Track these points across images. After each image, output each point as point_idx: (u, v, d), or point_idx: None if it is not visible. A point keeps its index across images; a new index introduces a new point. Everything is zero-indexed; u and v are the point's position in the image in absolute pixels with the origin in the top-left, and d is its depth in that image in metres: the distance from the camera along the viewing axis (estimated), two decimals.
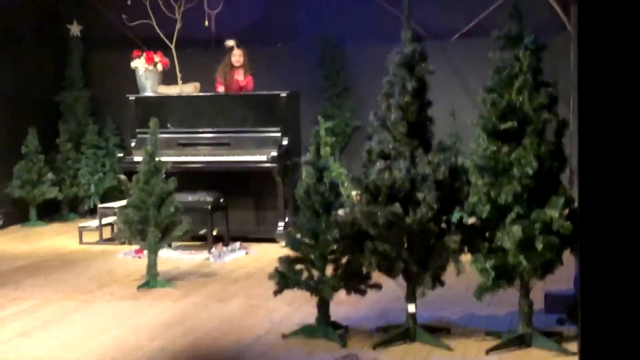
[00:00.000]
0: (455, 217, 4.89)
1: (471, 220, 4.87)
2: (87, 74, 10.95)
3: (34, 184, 9.97)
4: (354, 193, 5.33)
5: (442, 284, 4.98)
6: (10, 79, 10.17)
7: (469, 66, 9.64)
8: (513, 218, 4.60)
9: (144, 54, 9.21)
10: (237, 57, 8.92)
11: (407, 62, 4.87)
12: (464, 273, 4.81)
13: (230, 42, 8.95)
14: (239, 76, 8.86)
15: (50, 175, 10.14)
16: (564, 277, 5.22)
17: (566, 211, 4.63)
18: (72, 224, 9.91)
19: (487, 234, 4.79)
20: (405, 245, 4.86)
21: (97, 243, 8.75)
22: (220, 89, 8.92)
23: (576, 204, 4.65)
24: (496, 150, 4.67)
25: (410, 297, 4.95)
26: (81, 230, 8.89)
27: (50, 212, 10.45)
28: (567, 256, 4.75)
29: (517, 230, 4.53)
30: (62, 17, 10.89)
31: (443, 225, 4.86)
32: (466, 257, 4.84)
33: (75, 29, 10.80)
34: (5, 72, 10.10)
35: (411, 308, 4.97)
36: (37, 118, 10.35)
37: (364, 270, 5.06)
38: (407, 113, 4.83)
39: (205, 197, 8.05)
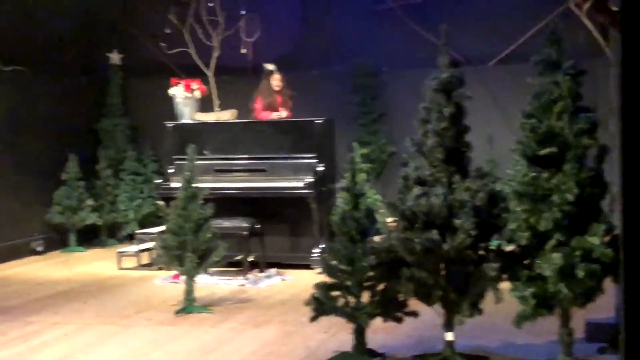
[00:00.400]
0: (493, 244, 4.84)
1: (510, 248, 4.82)
2: (127, 102, 11.09)
3: (73, 210, 10.08)
4: (389, 220, 5.31)
5: (480, 311, 4.92)
6: (52, 106, 10.33)
7: (506, 92, 9.61)
8: (553, 245, 4.54)
9: (182, 82, 9.32)
10: (277, 81, 8.99)
11: (444, 88, 4.85)
12: (503, 301, 4.75)
13: (270, 66, 9.03)
14: (279, 100, 8.94)
15: (89, 202, 10.25)
16: (605, 305, 5.13)
17: (607, 238, 4.56)
18: (110, 250, 9.99)
19: (526, 262, 4.73)
20: (443, 273, 4.81)
21: (135, 268, 8.80)
22: (262, 113, 8.98)
23: (617, 231, 4.59)
24: (536, 176, 4.63)
25: (448, 325, 4.90)
26: (119, 255, 8.96)
27: (90, 237, 10.54)
28: (608, 284, 4.68)
29: (557, 257, 4.48)
30: (103, 46, 11.05)
31: (481, 252, 4.81)
32: (505, 285, 4.79)
33: (115, 58, 10.96)
34: (47, 100, 10.26)
35: (449, 336, 4.92)
36: (78, 145, 10.50)
37: (401, 298, 5.03)
38: (444, 139, 4.81)
39: (241, 223, 8.07)
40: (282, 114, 8.94)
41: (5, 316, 6.75)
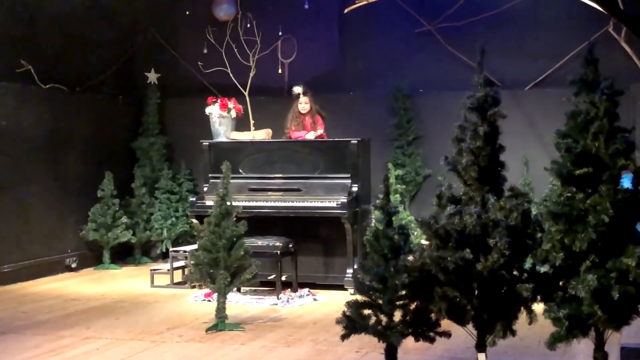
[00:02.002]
0: (527, 264, 4.78)
1: (544, 268, 4.76)
2: (163, 121, 11.20)
3: (108, 228, 10.16)
4: (424, 242, 5.27)
5: (513, 333, 4.85)
6: (89, 124, 10.46)
7: (542, 116, 9.55)
8: (588, 266, 4.47)
9: (219, 101, 9.39)
10: (303, 104, 9.02)
11: (479, 106, 4.83)
12: (536, 322, 4.69)
13: (297, 89, 9.06)
14: (308, 122, 8.96)
15: (124, 219, 10.32)
16: None
17: None
18: (144, 268, 10.06)
19: (560, 283, 4.66)
20: (476, 292, 4.76)
21: (168, 286, 8.84)
22: (294, 134, 9.00)
23: None
24: (571, 196, 4.57)
25: (481, 345, 4.84)
26: (153, 273, 9.00)
27: (124, 255, 10.62)
28: None
29: (592, 279, 4.40)
30: (140, 66, 11.20)
31: (515, 272, 4.75)
32: (539, 306, 4.72)
33: (152, 77, 11.08)
34: (85, 117, 10.40)
35: (481, 357, 4.85)
36: (114, 163, 10.62)
37: (433, 317, 4.97)
38: (479, 158, 4.78)
39: (274, 242, 8.07)
40: (310, 135, 8.93)
41: (39, 330, 6.82)
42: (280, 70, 10.54)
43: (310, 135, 8.92)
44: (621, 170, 4.55)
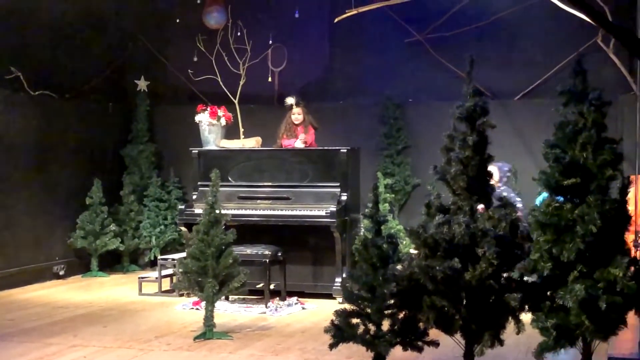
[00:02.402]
0: (515, 274, 4.79)
1: (532, 278, 4.77)
2: (152, 128, 11.18)
3: (96, 235, 10.12)
4: (413, 252, 5.28)
5: (501, 342, 4.86)
6: (79, 131, 10.43)
7: (531, 126, 9.59)
8: (576, 276, 4.49)
9: (208, 109, 9.38)
10: (296, 115, 9.03)
11: (468, 116, 4.85)
12: (524, 332, 4.70)
13: (289, 100, 9.07)
14: (300, 133, 8.97)
15: (112, 227, 10.28)
16: (629, 339, 5.06)
17: (630, 271, 4.50)
18: (132, 276, 10.02)
19: (548, 292, 4.68)
20: (464, 302, 4.76)
21: (156, 294, 8.80)
22: (284, 142, 9.01)
23: None
24: (559, 206, 4.59)
25: (469, 355, 4.84)
26: (141, 281, 8.97)
27: (112, 263, 10.59)
28: (633, 319, 4.61)
29: (579, 289, 4.42)
30: (130, 73, 11.18)
31: (503, 282, 4.76)
32: (526, 316, 4.73)
33: (142, 84, 11.07)
34: (74, 124, 10.37)
35: None
36: (103, 170, 10.60)
37: (421, 326, 4.97)
38: (468, 167, 4.79)
39: (263, 251, 8.06)
40: (297, 142, 8.94)
41: (26, 337, 6.78)
42: (270, 79, 10.55)
43: (298, 143, 8.93)
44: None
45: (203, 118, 9.35)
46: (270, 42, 10.49)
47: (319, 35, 10.65)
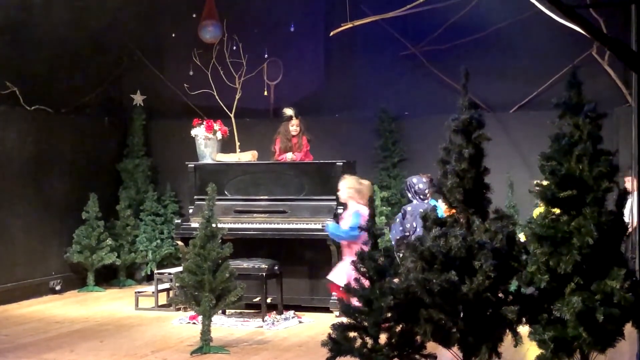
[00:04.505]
0: (512, 286, 4.79)
1: (529, 290, 4.76)
2: (148, 142, 11.17)
3: (92, 250, 10.10)
4: (409, 265, 5.27)
5: (499, 355, 4.84)
6: (75, 146, 10.43)
7: (527, 139, 9.60)
8: (573, 288, 4.48)
9: (204, 122, 9.39)
10: (294, 126, 9.04)
11: (464, 129, 4.84)
12: (522, 344, 4.69)
13: (288, 111, 9.09)
14: (296, 145, 8.97)
15: (109, 241, 10.26)
16: (626, 351, 5.05)
17: (627, 283, 4.49)
18: (128, 290, 9.99)
19: (545, 305, 4.67)
20: (461, 315, 4.75)
21: (152, 309, 8.78)
22: (280, 155, 9.02)
23: (637, 276, 4.54)
24: (555, 218, 4.59)
25: None
26: (137, 295, 8.95)
27: (108, 277, 10.56)
28: (630, 331, 4.60)
29: (577, 301, 4.41)
30: (126, 87, 11.19)
31: (500, 294, 4.75)
32: (524, 328, 4.72)
33: (138, 99, 11.08)
34: (70, 139, 10.37)
35: None
36: (99, 184, 10.58)
37: (419, 339, 4.95)
38: (464, 180, 4.79)
39: (260, 264, 8.05)
40: (293, 155, 8.95)
41: (22, 352, 6.76)
42: (266, 93, 10.57)
43: (289, 156, 8.95)
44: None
45: (199, 132, 9.35)
46: (266, 56, 10.51)
47: (314, 49, 10.67)
